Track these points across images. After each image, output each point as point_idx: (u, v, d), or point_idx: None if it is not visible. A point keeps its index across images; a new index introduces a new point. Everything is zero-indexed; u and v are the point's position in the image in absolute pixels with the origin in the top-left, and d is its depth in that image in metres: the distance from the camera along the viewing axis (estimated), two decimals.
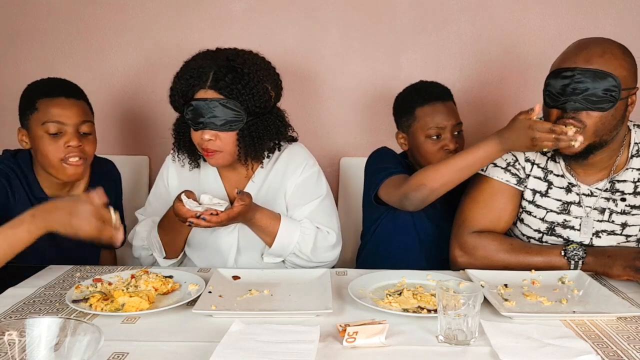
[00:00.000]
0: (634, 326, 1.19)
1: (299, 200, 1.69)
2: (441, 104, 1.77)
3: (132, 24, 2.24)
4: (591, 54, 1.40)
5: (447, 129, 1.76)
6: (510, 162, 1.60)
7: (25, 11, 2.25)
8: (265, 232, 1.63)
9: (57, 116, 1.57)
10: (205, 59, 1.58)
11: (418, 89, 1.83)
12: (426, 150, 1.77)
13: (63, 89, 1.63)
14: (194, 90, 1.56)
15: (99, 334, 0.94)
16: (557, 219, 1.57)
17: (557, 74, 1.44)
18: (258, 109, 1.58)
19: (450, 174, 1.55)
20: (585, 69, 1.39)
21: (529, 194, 1.59)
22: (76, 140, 1.59)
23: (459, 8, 2.20)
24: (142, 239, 1.71)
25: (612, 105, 1.40)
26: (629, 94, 1.43)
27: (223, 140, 1.57)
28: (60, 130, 1.58)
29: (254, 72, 1.57)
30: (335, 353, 1.08)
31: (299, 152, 1.75)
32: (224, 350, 1.04)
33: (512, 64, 2.23)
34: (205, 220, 1.48)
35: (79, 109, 1.62)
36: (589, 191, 1.55)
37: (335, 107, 2.29)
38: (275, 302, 1.32)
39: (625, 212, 1.53)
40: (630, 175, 1.53)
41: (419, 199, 1.59)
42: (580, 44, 1.46)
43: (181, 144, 1.67)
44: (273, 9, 2.22)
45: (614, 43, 1.45)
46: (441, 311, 1.13)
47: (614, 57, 1.40)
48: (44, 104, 1.58)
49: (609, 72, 1.38)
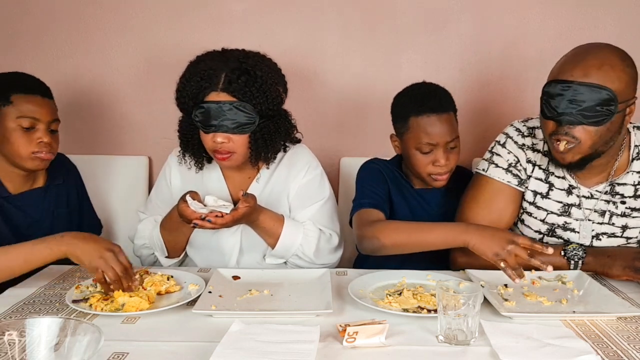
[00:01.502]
0: (634, 326, 1.19)
1: (302, 202, 1.69)
2: (436, 118, 1.62)
3: (132, 24, 2.24)
4: (589, 66, 1.36)
5: (439, 145, 1.63)
6: (512, 162, 1.58)
7: (25, 11, 2.25)
8: (269, 233, 1.63)
9: (33, 112, 1.63)
10: (214, 61, 1.56)
11: (416, 95, 1.71)
12: (415, 162, 1.68)
13: (39, 87, 1.69)
14: (205, 93, 1.54)
15: (99, 334, 0.94)
16: (558, 221, 1.57)
17: (555, 85, 1.40)
18: (270, 111, 1.58)
19: (406, 241, 1.51)
20: (582, 83, 1.36)
21: (529, 195, 1.59)
22: (48, 137, 1.66)
23: (459, 8, 2.20)
24: (144, 238, 1.71)
25: (608, 119, 1.37)
26: (627, 105, 1.40)
27: (236, 143, 1.56)
28: (33, 125, 1.64)
29: (266, 74, 1.57)
30: (335, 353, 1.08)
31: (303, 154, 1.75)
32: (224, 350, 1.04)
33: (512, 64, 2.22)
34: (210, 222, 1.49)
35: (51, 108, 1.69)
36: (589, 193, 1.54)
37: (335, 107, 2.29)
38: (275, 302, 1.32)
39: (625, 214, 1.53)
40: (631, 178, 1.53)
41: (369, 249, 1.57)
42: (577, 54, 1.42)
43: (189, 145, 1.66)
44: (273, 9, 2.22)
45: (613, 52, 1.40)
46: (441, 311, 1.13)
47: (612, 68, 1.36)
48: (20, 99, 1.63)
49: (606, 86, 1.35)
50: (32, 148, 1.64)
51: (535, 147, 1.59)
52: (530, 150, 1.58)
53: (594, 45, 1.43)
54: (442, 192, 1.76)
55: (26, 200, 1.72)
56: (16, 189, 1.71)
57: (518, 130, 1.61)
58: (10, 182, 1.70)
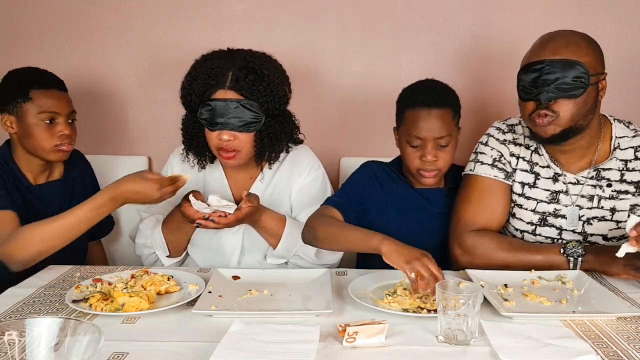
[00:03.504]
0: (634, 326, 1.19)
1: (304, 202, 1.70)
2: (427, 112, 1.61)
3: (132, 24, 2.24)
4: (557, 45, 1.47)
5: (427, 140, 1.61)
6: (496, 157, 1.64)
7: (25, 11, 2.25)
8: (271, 233, 1.63)
9: (52, 107, 1.70)
10: (222, 59, 1.57)
11: (414, 88, 1.72)
12: (406, 156, 1.68)
13: (55, 81, 1.75)
14: (212, 91, 1.55)
15: (99, 334, 0.94)
16: (548, 208, 1.59)
17: (528, 68, 1.50)
18: (277, 110, 1.59)
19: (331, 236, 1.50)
20: (553, 60, 1.45)
21: (517, 187, 1.63)
22: (68, 129, 1.73)
23: (459, 8, 2.20)
24: (145, 237, 1.71)
25: (583, 91, 1.45)
26: (598, 80, 1.48)
27: (241, 141, 1.57)
28: (53, 118, 1.71)
29: (272, 73, 1.58)
30: (335, 353, 1.08)
31: (305, 155, 1.76)
32: (224, 350, 1.04)
33: (512, 64, 2.20)
34: (214, 222, 1.49)
35: (68, 100, 1.76)
36: (575, 179, 1.58)
37: (335, 107, 2.29)
38: (275, 302, 1.32)
39: (612, 197, 1.56)
40: (615, 164, 1.57)
41: (307, 238, 1.56)
42: (545, 39, 1.52)
43: (192, 144, 1.66)
44: (273, 9, 2.22)
45: (577, 33, 1.51)
46: (441, 311, 1.13)
47: (578, 46, 1.47)
48: (39, 95, 1.69)
49: (575, 60, 1.44)
50: (54, 141, 1.70)
51: (516, 141, 1.65)
52: (512, 144, 1.65)
53: (559, 30, 1.54)
54: (443, 193, 1.75)
55: (45, 192, 1.77)
56: (35, 180, 1.77)
57: (498, 128, 1.69)
58: (30, 172, 1.76)
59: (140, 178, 1.51)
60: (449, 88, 1.72)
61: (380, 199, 1.73)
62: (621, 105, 2.03)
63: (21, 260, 1.49)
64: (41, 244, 1.49)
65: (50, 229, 1.50)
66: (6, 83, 1.74)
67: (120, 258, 2.17)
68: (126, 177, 1.53)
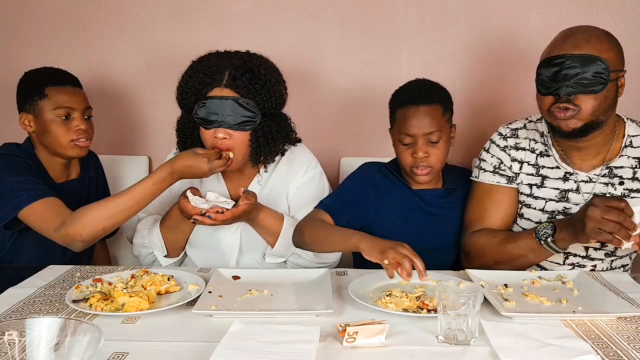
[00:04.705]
0: (634, 326, 1.19)
1: (301, 201, 1.70)
2: (415, 109, 1.62)
3: (132, 24, 2.24)
4: (578, 40, 1.45)
5: (417, 136, 1.62)
6: (496, 165, 1.66)
7: (25, 11, 2.25)
8: (269, 231, 1.63)
9: (67, 102, 1.73)
10: (218, 59, 1.58)
11: (404, 89, 1.72)
12: (399, 155, 1.69)
13: (69, 78, 1.79)
14: (208, 89, 1.55)
15: (99, 334, 0.94)
16: (557, 207, 1.59)
17: (548, 62, 1.48)
18: (273, 110, 1.59)
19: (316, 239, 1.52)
20: (574, 55, 1.44)
21: (525, 188, 1.63)
22: (84, 124, 1.75)
23: (459, 8, 2.20)
24: (143, 237, 1.71)
25: (603, 87, 1.43)
26: (618, 76, 1.48)
27: (236, 140, 1.57)
28: (69, 114, 1.73)
29: (269, 73, 1.59)
30: (335, 353, 1.08)
31: (302, 154, 1.76)
32: (224, 350, 1.04)
33: (512, 63, 2.22)
34: (211, 219, 1.49)
35: (83, 96, 1.79)
36: (587, 178, 1.58)
37: (335, 107, 2.29)
38: (275, 302, 1.32)
39: (624, 195, 1.56)
40: (627, 162, 1.57)
41: (296, 241, 1.57)
42: (566, 33, 1.51)
43: (187, 145, 1.66)
44: (273, 9, 2.22)
45: (598, 29, 1.49)
46: (441, 311, 1.13)
47: (600, 41, 1.45)
48: (54, 92, 1.72)
49: (596, 55, 1.43)
50: (71, 136, 1.73)
51: (518, 146, 1.65)
52: (513, 149, 1.65)
53: (580, 25, 1.52)
54: (441, 193, 1.74)
55: (67, 190, 1.78)
56: (58, 179, 1.80)
57: (500, 134, 1.69)
58: (52, 171, 1.79)
59: (192, 153, 1.56)
60: (439, 85, 1.72)
61: (376, 200, 1.72)
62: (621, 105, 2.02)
63: (85, 238, 1.55)
64: (105, 220, 1.55)
65: (115, 206, 1.56)
66: (23, 83, 1.78)
67: (122, 259, 2.17)
68: (181, 153, 1.58)
